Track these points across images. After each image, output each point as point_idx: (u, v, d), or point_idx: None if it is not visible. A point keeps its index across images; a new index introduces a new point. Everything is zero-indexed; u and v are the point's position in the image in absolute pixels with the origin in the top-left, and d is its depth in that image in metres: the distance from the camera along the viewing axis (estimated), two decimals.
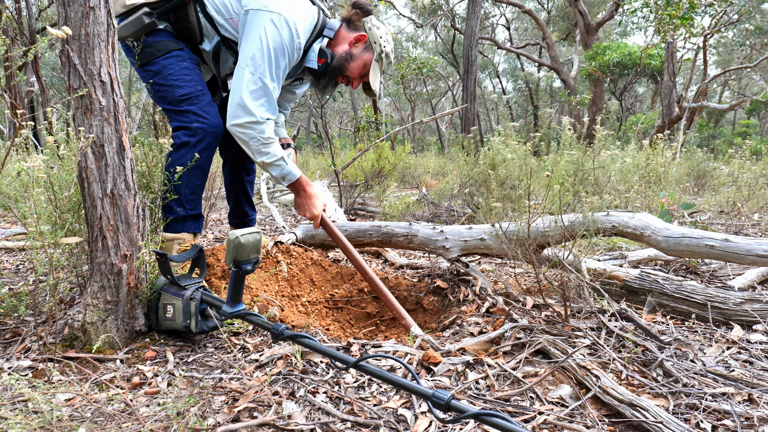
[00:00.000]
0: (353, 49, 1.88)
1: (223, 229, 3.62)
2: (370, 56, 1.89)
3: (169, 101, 1.77)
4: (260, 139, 1.72)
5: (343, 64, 1.88)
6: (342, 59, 1.87)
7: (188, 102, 1.76)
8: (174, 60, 1.77)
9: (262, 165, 1.78)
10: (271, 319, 1.68)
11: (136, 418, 1.09)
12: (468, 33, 7.65)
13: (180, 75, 1.76)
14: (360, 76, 1.92)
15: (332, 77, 1.91)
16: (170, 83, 1.76)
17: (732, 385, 1.30)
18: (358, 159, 5.20)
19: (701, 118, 17.14)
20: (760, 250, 1.68)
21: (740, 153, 5.05)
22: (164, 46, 1.77)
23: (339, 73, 1.90)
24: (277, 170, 1.79)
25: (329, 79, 1.92)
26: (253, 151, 1.75)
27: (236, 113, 1.70)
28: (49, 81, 14.15)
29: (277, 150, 1.78)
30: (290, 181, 1.82)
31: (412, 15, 17.99)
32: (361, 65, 1.90)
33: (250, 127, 1.70)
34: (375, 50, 1.88)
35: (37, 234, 1.29)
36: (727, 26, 9.27)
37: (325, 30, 1.87)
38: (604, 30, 18.04)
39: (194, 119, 1.75)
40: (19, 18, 6.24)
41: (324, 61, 1.86)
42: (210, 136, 1.77)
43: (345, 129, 26.65)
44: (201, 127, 1.75)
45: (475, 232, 2.14)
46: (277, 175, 1.81)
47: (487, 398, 1.25)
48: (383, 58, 1.89)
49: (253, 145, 1.73)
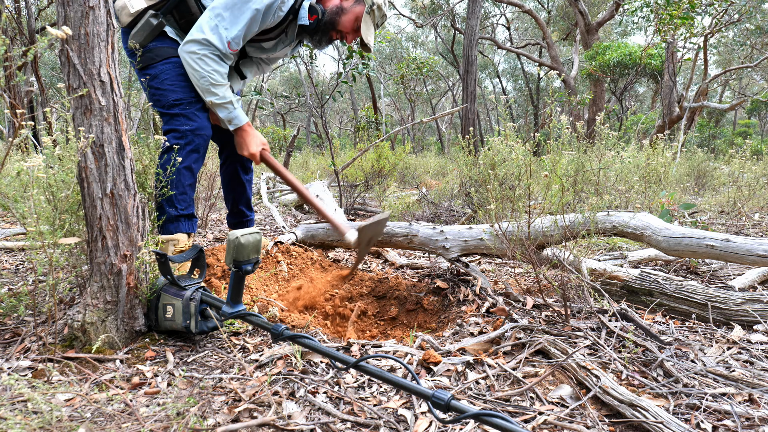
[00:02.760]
0: (344, 3, 1.92)
1: (223, 229, 3.62)
2: (362, 9, 1.92)
3: (162, 105, 1.83)
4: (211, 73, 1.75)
5: (334, 18, 1.91)
6: (333, 14, 1.91)
7: (180, 107, 1.82)
8: (171, 66, 1.82)
9: (210, 105, 1.82)
10: (271, 320, 1.68)
11: (135, 418, 1.09)
12: (468, 33, 7.65)
13: (175, 80, 1.82)
14: (353, 30, 1.95)
15: (325, 32, 1.95)
16: (165, 88, 1.81)
17: (732, 385, 1.30)
18: (358, 159, 5.20)
19: (702, 118, 17.13)
20: (761, 250, 1.68)
21: (741, 153, 5.05)
22: (164, 52, 1.83)
23: (331, 27, 1.94)
24: (225, 113, 1.83)
25: (322, 35, 1.96)
26: (203, 88, 1.78)
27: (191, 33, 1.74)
28: (48, 81, 14.15)
29: (227, 93, 1.82)
30: (236, 125, 1.87)
31: (412, 15, 17.98)
32: (353, 18, 1.92)
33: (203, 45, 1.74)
34: (366, 2, 1.91)
35: (36, 234, 1.29)
36: (728, 26, 9.27)
37: None
38: (604, 30, 18.03)
39: (184, 122, 1.81)
40: (18, 18, 6.24)
41: (315, 17, 1.90)
42: (198, 138, 1.84)
43: (345, 129, 26.65)
44: (189, 130, 1.82)
45: (475, 232, 2.14)
46: (225, 117, 1.84)
47: (487, 398, 1.25)
48: (375, 10, 1.92)
49: (204, 75, 1.76)
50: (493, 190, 1.96)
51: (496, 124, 22.77)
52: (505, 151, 2.90)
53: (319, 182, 4.64)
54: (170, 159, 1.77)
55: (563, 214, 1.87)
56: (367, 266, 2.73)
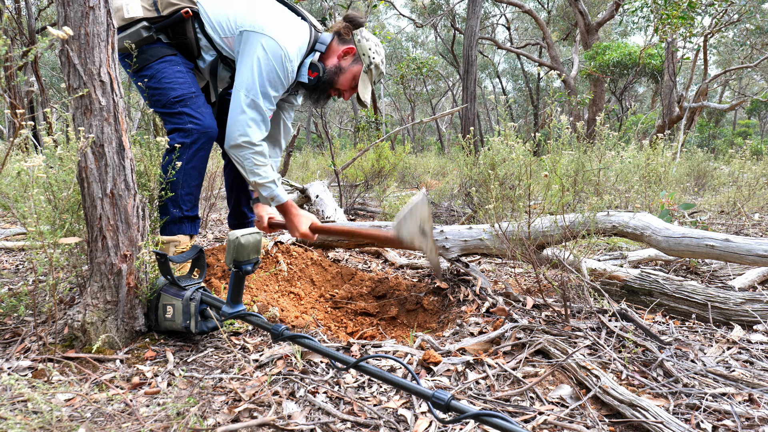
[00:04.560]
0: (342, 62, 1.91)
1: (223, 229, 3.62)
2: (359, 68, 1.92)
3: (163, 104, 1.80)
4: (254, 161, 1.80)
5: (332, 77, 1.92)
6: (332, 73, 1.91)
7: (182, 104, 1.79)
8: (167, 64, 1.80)
9: (254, 185, 1.86)
10: (271, 320, 1.68)
11: (136, 418, 1.09)
12: (468, 33, 7.65)
13: (173, 78, 1.79)
14: (350, 88, 1.96)
15: (323, 90, 1.95)
16: (164, 86, 1.78)
17: (732, 385, 1.30)
18: (358, 159, 5.21)
19: (701, 118, 17.13)
20: (761, 250, 1.68)
21: (741, 153, 5.05)
22: (158, 52, 1.80)
23: (329, 86, 1.94)
24: (267, 191, 1.87)
25: (321, 93, 1.96)
26: (247, 171, 1.82)
27: (233, 135, 1.77)
28: (48, 81, 14.15)
29: (269, 173, 1.86)
30: (278, 203, 1.89)
31: (412, 15, 17.99)
32: (350, 78, 1.93)
33: (246, 147, 1.78)
34: (364, 62, 1.91)
35: (36, 234, 1.29)
36: (728, 26, 9.27)
37: (317, 45, 1.91)
38: (604, 30, 18.03)
39: (188, 120, 1.78)
40: (18, 18, 6.24)
41: (316, 75, 1.90)
42: (204, 136, 1.81)
43: (345, 129, 26.65)
44: (195, 128, 1.78)
45: (475, 232, 2.14)
46: (267, 196, 1.88)
47: (487, 398, 1.25)
48: (372, 69, 1.92)
49: (248, 165, 1.81)
50: (493, 190, 1.96)
51: (496, 124, 22.75)
52: (505, 151, 2.90)
53: (319, 182, 4.64)
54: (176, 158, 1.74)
55: (563, 214, 1.87)
56: (367, 266, 2.73)
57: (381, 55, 1.94)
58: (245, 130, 1.75)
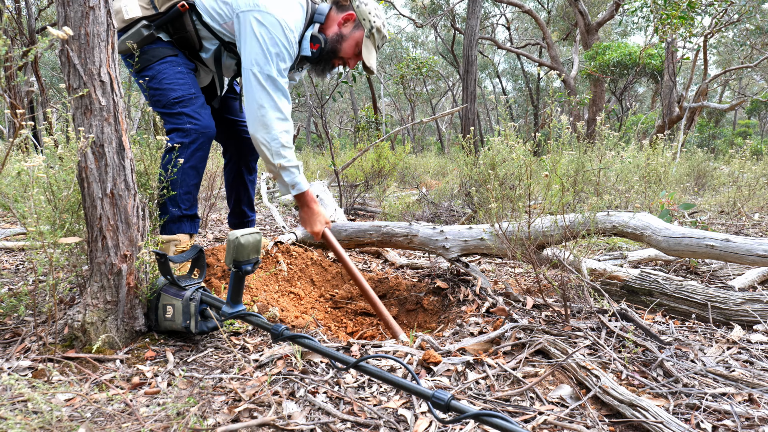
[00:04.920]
0: (343, 29, 1.91)
1: (223, 229, 3.62)
2: (361, 33, 1.92)
3: (163, 105, 1.82)
4: (281, 140, 1.76)
5: (335, 45, 1.91)
6: (334, 41, 1.91)
7: (181, 104, 1.80)
8: (168, 65, 1.82)
9: (278, 167, 1.79)
10: (271, 320, 1.68)
11: (136, 418, 1.09)
12: (468, 33, 7.65)
13: (174, 79, 1.81)
14: (354, 55, 1.96)
15: (328, 61, 1.95)
16: (164, 87, 1.80)
17: (732, 385, 1.30)
18: (358, 159, 5.21)
19: (701, 118, 17.13)
20: (761, 250, 1.68)
21: (740, 153, 5.05)
22: (159, 53, 1.82)
23: (333, 55, 1.94)
24: (290, 177, 1.82)
25: (325, 63, 1.96)
26: (273, 152, 1.77)
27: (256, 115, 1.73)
28: (48, 81, 14.14)
29: (293, 157, 1.82)
30: (299, 191, 1.85)
31: (412, 15, 17.98)
32: (353, 44, 1.92)
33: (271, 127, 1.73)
34: (365, 27, 1.91)
35: (36, 234, 1.29)
36: (728, 26, 9.27)
37: (315, 16, 1.91)
38: (604, 30, 18.03)
39: (187, 121, 1.79)
40: (18, 18, 6.24)
41: (318, 46, 1.89)
42: (203, 136, 1.82)
43: (345, 129, 26.65)
44: (194, 128, 1.80)
45: (475, 232, 2.14)
46: (288, 182, 1.83)
47: (487, 398, 1.25)
48: (374, 33, 1.91)
49: (274, 147, 1.76)
50: (494, 190, 1.97)
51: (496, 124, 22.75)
52: (505, 151, 2.90)
53: (319, 182, 4.64)
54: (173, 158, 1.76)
55: (563, 214, 1.87)
56: (367, 266, 2.73)
57: (382, 18, 1.93)
58: (270, 104, 1.72)
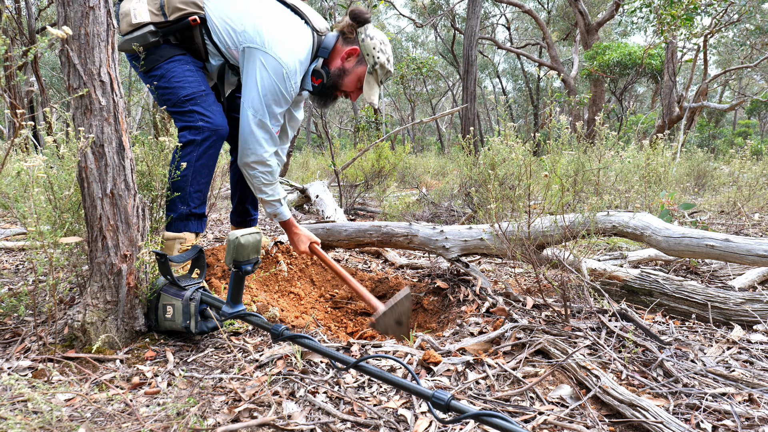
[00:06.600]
0: (345, 64, 1.88)
1: (223, 229, 3.62)
2: (364, 69, 1.89)
3: (173, 103, 1.79)
4: (262, 179, 1.89)
5: (336, 80, 1.90)
6: (336, 76, 1.89)
7: (192, 102, 1.78)
8: (176, 63, 1.80)
9: (261, 201, 1.95)
10: (271, 320, 1.68)
11: (136, 418, 1.09)
12: (468, 33, 7.65)
13: (183, 76, 1.79)
14: (356, 89, 1.94)
15: (329, 94, 1.95)
16: (174, 85, 1.78)
17: (732, 385, 1.30)
18: (358, 159, 5.21)
19: (701, 118, 17.13)
20: (761, 250, 1.68)
21: (741, 153, 5.05)
22: (167, 53, 1.80)
23: (334, 89, 1.93)
24: (271, 208, 1.96)
25: (327, 96, 1.96)
26: (255, 187, 1.91)
27: (245, 153, 1.84)
28: (48, 81, 14.14)
29: (276, 191, 1.94)
30: (281, 220, 2.00)
31: (412, 15, 17.99)
32: (355, 79, 1.90)
33: (255, 166, 1.86)
34: (368, 62, 1.87)
35: (36, 234, 1.29)
36: (728, 26, 9.27)
37: (320, 50, 1.89)
38: (604, 30, 18.02)
39: (199, 118, 1.77)
40: (18, 18, 6.24)
41: (320, 81, 1.89)
42: (215, 134, 1.80)
43: (345, 129, 26.64)
44: (206, 126, 1.78)
45: (475, 232, 2.14)
46: (270, 212, 1.97)
47: (487, 398, 1.25)
48: (377, 69, 1.87)
49: (256, 183, 1.90)
50: (493, 190, 1.97)
51: (496, 124, 22.74)
52: (505, 151, 2.90)
53: (319, 182, 4.63)
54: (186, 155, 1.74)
55: (563, 214, 1.87)
56: (367, 266, 2.73)
57: (387, 53, 1.90)
58: (256, 149, 1.82)
